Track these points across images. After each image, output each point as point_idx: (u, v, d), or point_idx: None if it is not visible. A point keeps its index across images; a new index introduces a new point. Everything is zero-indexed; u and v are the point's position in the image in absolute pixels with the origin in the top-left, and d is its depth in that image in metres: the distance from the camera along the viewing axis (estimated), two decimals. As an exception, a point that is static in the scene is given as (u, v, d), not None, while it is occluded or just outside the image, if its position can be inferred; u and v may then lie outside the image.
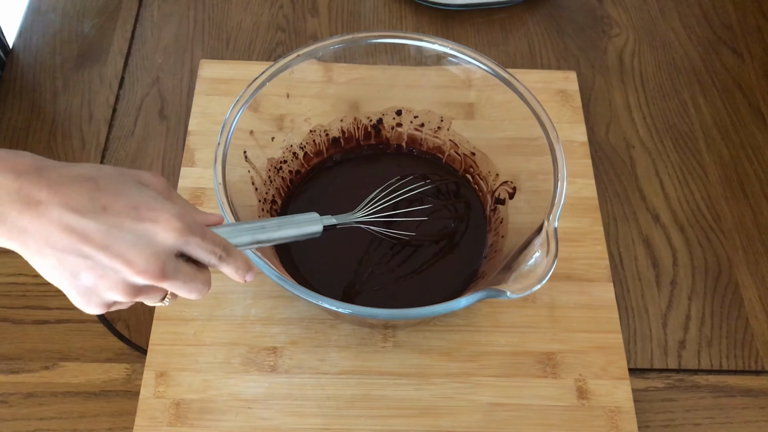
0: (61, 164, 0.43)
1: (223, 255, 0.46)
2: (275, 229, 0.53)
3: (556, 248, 0.54)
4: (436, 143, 0.73)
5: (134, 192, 0.43)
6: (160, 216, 0.42)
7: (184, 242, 0.43)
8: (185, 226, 0.43)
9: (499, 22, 0.87)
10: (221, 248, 0.46)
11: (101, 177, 0.43)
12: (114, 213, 0.41)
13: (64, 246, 0.41)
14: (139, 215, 0.42)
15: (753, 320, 0.67)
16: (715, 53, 0.86)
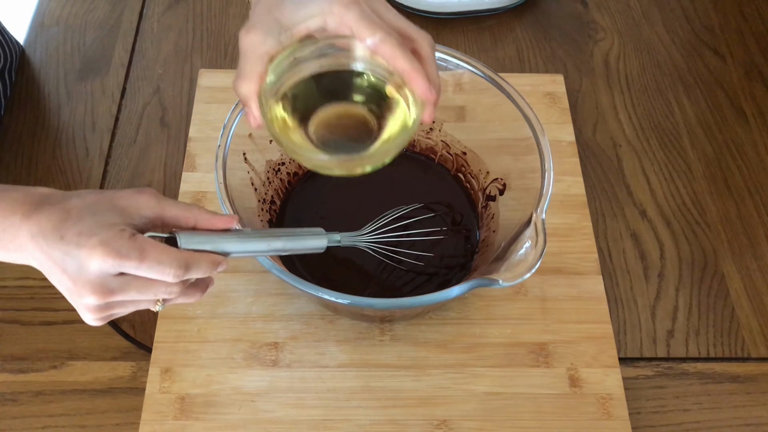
0: (62, 197, 0.48)
1: (178, 272, 0.47)
2: (280, 242, 0.54)
3: (545, 238, 0.56)
4: (428, 144, 0.75)
5: (89, 220, 0.46)
6: (91, 242, 0.45)
7: (115, 266, 0.45)
8: (111, 251, 0.45)
9: (488, 29, 0.90)
10: (175, 266, 0.47)
11: (75, 207, 0.47)
12: (66, 241, 0.46)
13: (50, 271, 0.47)
14: (79, 242, 0.45)
15: (738, 309, 0.70)
16: (698, 55, 0.89)
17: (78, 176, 0.76)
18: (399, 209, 0.68)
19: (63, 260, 0.46)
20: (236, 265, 0.69)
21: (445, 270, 0.67)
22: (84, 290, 0.46)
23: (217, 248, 0.50)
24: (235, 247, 0.52)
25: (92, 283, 0.46)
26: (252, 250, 0.53)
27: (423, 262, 0.66)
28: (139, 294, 0.47)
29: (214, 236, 0.50)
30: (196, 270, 0.48)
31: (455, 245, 0.69)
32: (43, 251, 0.46)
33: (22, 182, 0.75)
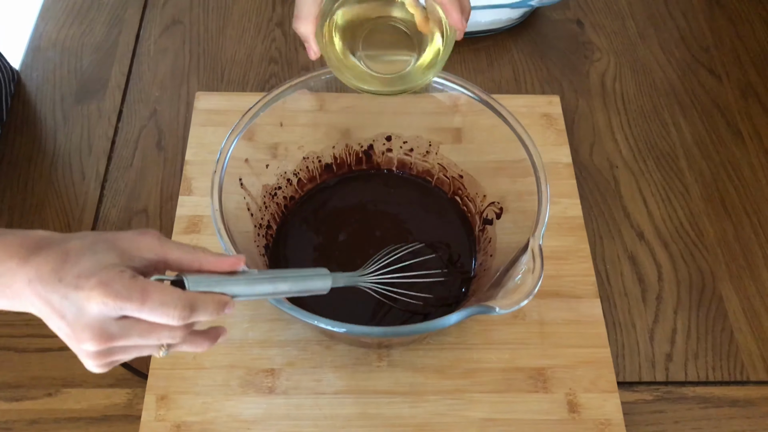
0: (60, 240, 0.46)
1: (183, 314, 0.45)
2: (286, 284, 0.53)
3: (542, 265, 0.56)
4: (425, 167, 0.75)
5: (88, 261, 0.44)
6: (89, 284, 0.43)
7: (116, 308, 0.43)
8: (111, 292, 0.43)
9: (484, 50, 0.90)
10: (180, 307, 0.45)
11: (74, 249, 0.45)
12: (65, 283, 0.43)
13: (40, 312, 0.45)
14: (78, 284, 0.43)
15: (737, 332, 0.69)
16: (694, 75, 0.89)
17: (74, 200, 0.76)
18: (399, 248, 0.67)
19: (61, 304, 0.44)
20: (232, 290, 0.68)
21: (445, 305, 0.67)
22: (83, 335, 0.44)
23: (225, 291, 0.49)
24: (243, 290, 0.50)
25: (92, 328, 0.44)
26: (260, 292, 0.52)
27: (422, 301, 0.66)
28: (142, 339, 0.45)
29: (222, 279, 0.49)
30: (203, 311, 0.46)
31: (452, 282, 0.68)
32: (41, 296, 0.44)
33: (18, 207, 0.75)
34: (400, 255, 0.66)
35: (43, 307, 0.45)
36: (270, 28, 0.91)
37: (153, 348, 0.48)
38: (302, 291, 0.55)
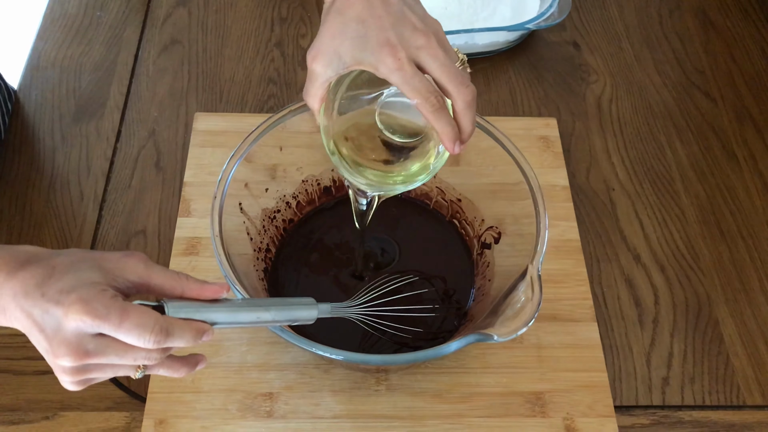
0: (49, 256, 0.47)
1: (158, 338, 0.45)
2: (270, 313, 0.53)
3: (540, 292, 0.56)
4: (423, 190, 0.76)
5: (71, 278, 0.45)
6: (69, 299, 0.44)
7: (93, 326, 0.44)
8: (90, 310, 0.44)
9: (481, 71, 0.91)
10: (156, 331, 0.45)
11: (60, 265, 0.46)
12: (47, 298, 0.44)
13: (23, 325, 0.46)
14: (59, 300, 0.44)
15: (733, 356, 0.70)
16: (689, 97, 0.90)
17: (72, 221, 0.76)
18: (392, 279, 0.67)
19: (42, 318, 0.45)
20: (231, 313, 0.68)
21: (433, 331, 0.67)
22: (60, 350, 0.45)
23: (205, 318, 0.49)
24: (224, 318, 0.51)
25: (68, 343, 0.44)
26: (241, 321, 0.52)
27: (413, 334, 0.65)
28: (118, 358, 0.46)
29: (203, 306, 0.50)
30: (179, 338, 0.46)
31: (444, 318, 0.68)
32: (24, 310, 0.45)
33: (16, 227, 0.75)
34: (391, 287, 0.66)
35: (25, 321, 0.45)
36: (269, 49, 0.92)
37: (129, 368, 0.48)
38: (287, 320, 0.55)
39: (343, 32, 0.52)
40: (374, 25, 0.51)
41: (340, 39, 0.52)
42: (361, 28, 0.52)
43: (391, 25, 0.51)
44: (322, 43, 0.54)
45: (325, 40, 0.53)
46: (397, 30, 0.51)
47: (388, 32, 0.51)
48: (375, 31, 0.51)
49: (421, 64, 0.52)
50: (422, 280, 0.70)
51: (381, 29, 0.51)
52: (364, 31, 0.51)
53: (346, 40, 0.52)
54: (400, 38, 0.51)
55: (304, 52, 0.91)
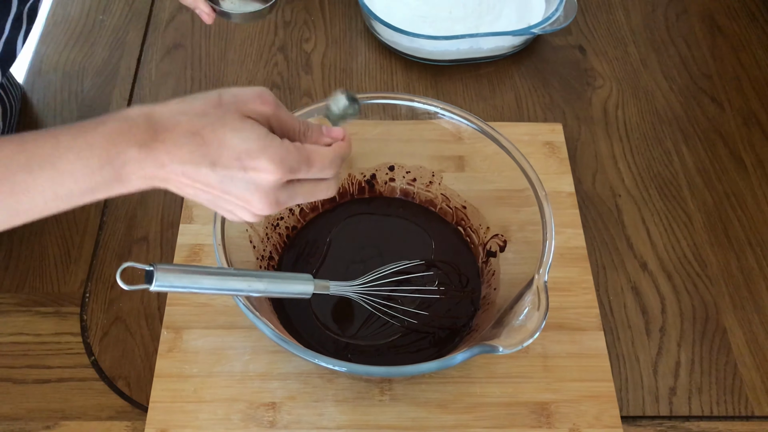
0: (168, 118, 0.48)
1: (337, 164, 0.51)
2: (261, 283, 0.55)
3: (547, 302, 0.56)
4: (428, 197, 0.75)
5: (236, 139, 0.47)
6: (261, 164, 0.47)
7: (290, 176, 0.49)
8: (285, 168, 0.48)
9: (486, 76, 0.90)
10: (337, 163, 0.51)
11: (205, 128, 0.47)
12: (222, 166, 0.47)
13: (195, 192, 0.49)
14: (243, 165, 0.47)
15: (741, 366, 0.69)
16: (696, 102, 0.89)
17: (74, 227, 0.75)
18: (398, 264, 0.67)
19: (223, 183, 0.47)
20: (233, 322, 0.68)
21: (445, 328, 0.67)
22: (255, 205, 0.49)
23: (194, 283, 0.51)
24: (214, 284, 0.52)
25: (266, 199, 0.49)
26: (230, 288, 0.54)
27: (418, 319, 0.66)
28: (306, 198, 0.52)
29: (193, 270, 0.51)
30: (346, 152, 0.53)
31: (456, 303, 0.68)
32: (190, 177, 0.47)
33: (18, 233, 0.74)
34: (397, 269, 0.66)
35: (204, 190, 0.48)
36: (272, 53, 0.91)
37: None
38: (280, 292, 0.56)
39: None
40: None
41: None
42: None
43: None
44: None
45: None
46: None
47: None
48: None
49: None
50: (430, 265, 0.69)
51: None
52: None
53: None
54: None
55: (308, 57, 0.91)
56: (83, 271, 0.72)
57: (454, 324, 0.67)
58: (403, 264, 0.67)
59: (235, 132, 0.47)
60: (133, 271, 0.69)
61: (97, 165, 0.46)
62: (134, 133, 0.47)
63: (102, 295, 0.71)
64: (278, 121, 0.51)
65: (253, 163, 0.47)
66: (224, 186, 0.48)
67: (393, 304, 0.65)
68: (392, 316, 0.65)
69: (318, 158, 0.50)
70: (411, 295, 0.66)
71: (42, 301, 0.70)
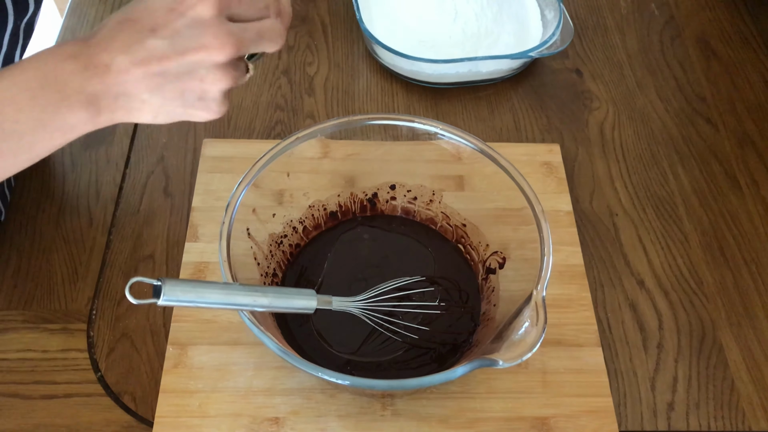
0: (94, 30, 0.46)
1: (275, 10, 0.48)
2: (266, 298, 0.56)
3: (545, 317, 0.57)
4: (428, 215, 0.76)
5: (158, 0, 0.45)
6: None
7: (227, 6, 0.45)
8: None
9: (485, 98, 0.92)
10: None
11: (128, 12, 0.45)
12: (161, 26, 0.44)
13: (151, 81, 0.45)
14: (180, 11, 0.45)
15: (738, 381, 0.70)
16: (691, 124, 0.91)
17: (81, 246, 0.77)
18: (399, 280, 0.69)
19: (174, 43, 0.45)
20: (237, 338, 0.69)
21: (445, 343, 0.68)
22: (212, 45, 0.45)
23: (200, 297, 0.52)
24: (219, 298, 0.53)
25: (219, 33, 0.45)
26: (236, 302, 0.55)
27: (419, 335, 0.67)
28: (259, 36, 0.47)
29: (199, 285, 0.52)
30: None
31: (456, 319, 0.69)
32: (138, 63, 0.44)
33: (26, 252, 0.76)
34: (399, 285, 0.67)
35: (142, 81, 0.45)
36: (276, 76, 0.93)
37: (244, 68, 0.50)
38: (284, 308, 0.57)
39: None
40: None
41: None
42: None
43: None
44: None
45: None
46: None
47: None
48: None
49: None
50: (430, 281, 0.70)
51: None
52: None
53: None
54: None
55: (311, 80, 0.93)
56: (90, 289, 0.73)
57: (455, 339, 0.68)
58: (404, 280, 0.69)
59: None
60: (141, 287, 0.71)
61: (36, 86, 0.44)
62: (66, 48, 0.45)
63: (108, 312, 0.72)
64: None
65: (185, 4, 0.45)
66: (175, 46, 0.45)
67: (395, 320, 0.66)
68: (394, 332, 0.66)
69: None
70: (412, 310, 0.68)
71: (49, 318, 0.71)
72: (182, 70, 0.45)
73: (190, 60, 0.45)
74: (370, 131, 0.72)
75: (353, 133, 0.72)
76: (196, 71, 0.45)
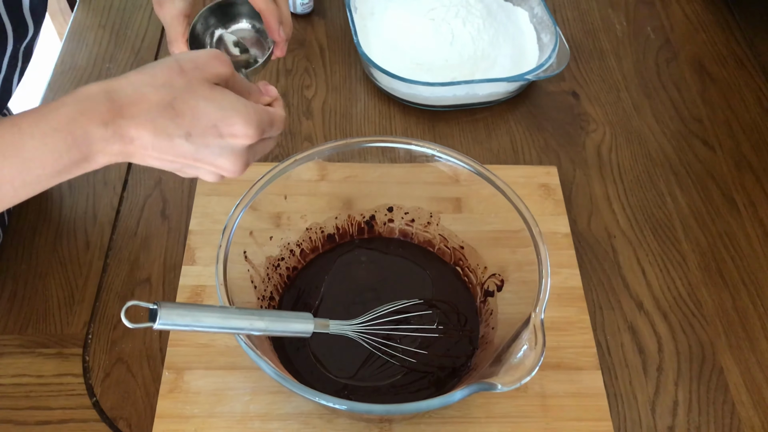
0: (132, 92, 0.48)
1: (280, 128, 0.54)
2: (263, 322, 0.56)
3: (544, 340, 0.56)
4: (426, 237, 0.76)
5: (210, 107, 0.48)
6: (237, 129, 0.49)
7: (260, 137, 0.51)
8: (258, 129, 0.50)
9: (482, 120, 0.92)
10: (281, 125, 0.54)
11: (176, 99, 0.48)
12: (198, 135, 0.48)
13: (161, 162, 0.50)
14: (220, 132, 0.49)
15: (739, 405, 0.69)
16: (688, 146, 0.91)
17: (78, 270, 0.76)
18: (397, 303, 0.68)
19: (197, 152, 0.49)
20: (234, 362, 0.68)
21: (444, 367, 0.67)
22: (226, 166, 0.51)
23: (197, 321, 0.52)
24: (216, 323, 0.53)
25: (240, 161, 0.51)
26: (232, 326, 0.55)
27: (417, 359, 0.66)
28: (260, 155, 0.54)
29: (195, 309, 0.52)
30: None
31: (455, 343, 0.69)
32: (160, 149, 0.48)
33: (22, 276, 0.75)
34: (396, 309, 0.66)
35: (154, 158, 0.49)
36: (274, 99, 0.93)
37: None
38: (280, 331, 0.56)
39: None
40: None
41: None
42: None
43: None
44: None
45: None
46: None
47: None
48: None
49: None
50: (427, 304, 0.70)
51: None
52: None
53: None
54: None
55: (309, 103, 0.93)
56: (86, 313, 0.73)
57: (453, 363, 0.67)
58: (402, 303, 0.68)
59: (208, 101, 0.48)
60: (137, 310, 0.70)
61: (64, 149, 0.46)
62: (97, 111, 0.46)
63: (104, 336, 0.71)
64: (234, 81, 0.52)
65: (229, 129, 0.49)
66: (197, 154, 0.49)
67: (392, 344, 0.66)
68: (391, 356, 0.66)
69: (278, 118, 0.54)
70: (410, 334, 0.67)
71: (45, 342, 0.71)
72: (189, 167, 0.51)
73: (208, 167, 0.51)
74: (368, 154, 0.73)
75: (351, 155, 0.72)
76: (199, 170, 0.52)
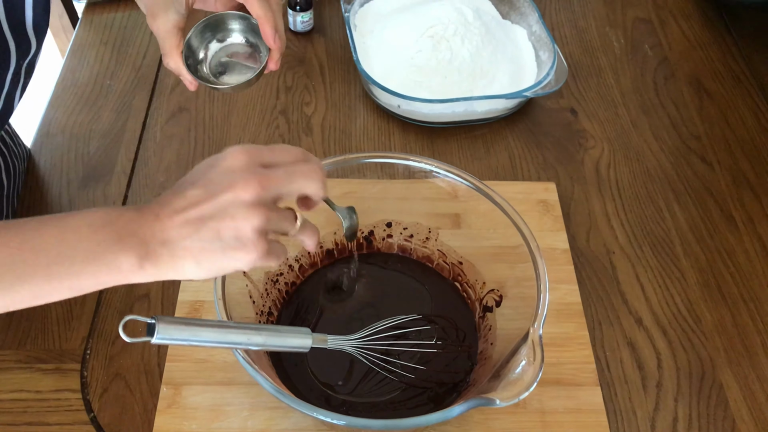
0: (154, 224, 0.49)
1: (296, 223, 0.53)
2: (260, 337, 0.56)
3: (542, 355, 0.56)
4: (425, 253, 0.76)
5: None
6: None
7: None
8: (264, 226, 0.49)
9: (481, 137, 0.93)
10: (294, 218, 0.53)
11: (182, 179, 0.50)
12: (199, 179, 0.49)
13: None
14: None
15: (739, 421, 0.69)
16: (686, 162, 0.91)
17: (77, 285, 0.76)
18: (395, 318, 0.68)
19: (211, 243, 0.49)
20: (232, 377, 0.68)
21: (442, 383, 0.67)
22: (250, 253, 0.50)
23: (195, 336, 0.52)
24: (214, 337, 0.53)
25: (256, 251, 0.49)
26: (230, 341, 0.55)
27: (416, 374, 0.66)
28: (280, 254, 0.53)
29: (193, 325, 0.52)
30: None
31: (453, 358, 0.69)
32: (195, 248, 0.48)
33: (21, 291, 0.75)
34: (394, 324, 0.66)
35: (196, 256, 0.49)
36: (273, 116, 0.94)
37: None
38: (279, 346, 0.56)
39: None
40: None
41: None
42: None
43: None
44: (153, 2, 0.61)
45: (154, 0, 0.61)
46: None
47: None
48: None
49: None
50: (426, 319, 0.70)
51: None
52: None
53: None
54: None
55: (308, 119, 0.94)
56: (85, 328, 0.73)
57: (452, 379, 0.67)
58: (400, 318, 0.68)
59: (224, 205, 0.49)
60: (135, 326, 0.70)
61: (100, 223, 0.48)
62: (133, 205, 0.49)
63: (103, 352, 0.71)
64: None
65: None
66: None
67: (391, 359, 0.66)
68: (390, 371, 0.66)
69: (285, 212, 0.53)
70: (409, 349, 0.67)
71: (43, 357, 0.71)
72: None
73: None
74: (367, 169, 0.73)
75: (350, 171, 0.72)
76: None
